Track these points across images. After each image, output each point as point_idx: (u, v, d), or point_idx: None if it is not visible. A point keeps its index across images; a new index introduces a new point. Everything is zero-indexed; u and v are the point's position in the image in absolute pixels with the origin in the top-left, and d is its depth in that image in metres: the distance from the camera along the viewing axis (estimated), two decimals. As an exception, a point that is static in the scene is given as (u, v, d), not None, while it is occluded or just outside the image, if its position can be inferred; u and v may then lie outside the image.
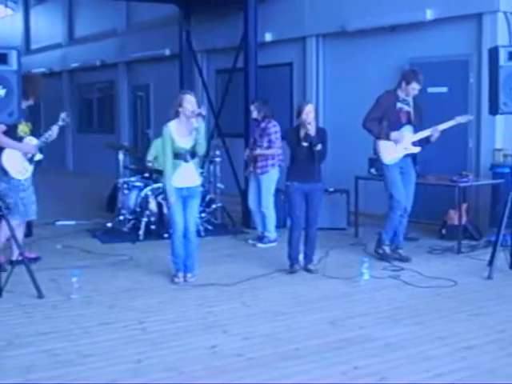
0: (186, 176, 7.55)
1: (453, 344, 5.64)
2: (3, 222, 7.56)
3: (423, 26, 10.98)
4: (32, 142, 7.98)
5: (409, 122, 8.59)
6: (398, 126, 8.51)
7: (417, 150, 8.64)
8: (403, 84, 8.50)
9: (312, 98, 12.62)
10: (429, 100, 9.92)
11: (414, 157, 8.75)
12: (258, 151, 9.61)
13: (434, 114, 10.19)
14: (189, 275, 7.70)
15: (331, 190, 10.79)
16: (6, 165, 7.79)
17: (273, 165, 9.64)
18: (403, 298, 7.06)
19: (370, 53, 12.00)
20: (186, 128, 7.46)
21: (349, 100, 12.04)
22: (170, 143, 7.46)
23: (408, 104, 8.60)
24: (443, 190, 10.04)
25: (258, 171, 9.68)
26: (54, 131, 8.08)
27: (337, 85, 12.70)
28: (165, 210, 9.98)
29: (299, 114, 7.85)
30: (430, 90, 10.53)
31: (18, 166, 7.88)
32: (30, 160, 8.00)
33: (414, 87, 8.45)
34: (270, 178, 9.64)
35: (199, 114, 7.34)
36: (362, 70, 12.09)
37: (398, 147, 8.50)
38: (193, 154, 7.52)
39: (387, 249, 8.73)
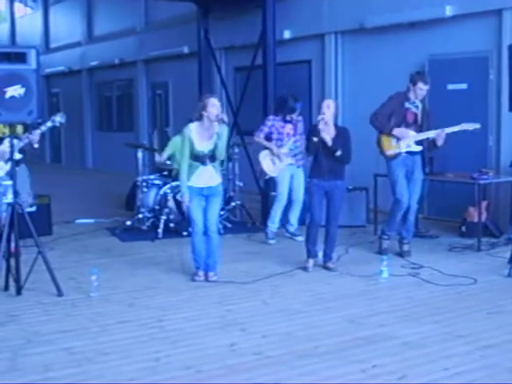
0: (205, 177, 7.55)
1: (472, 342, 5.60)
2: None
3: (442, 22, 10.91)
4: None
5: (415, 122, 8.64)
6: (403, 125, 8.59)
7: (418, 148, 8.67)
8: (411, 86, 8.60)
9: (331, 96, 12.59)
10: (448, 97, 9.88)
11: (422, 156, 8.75)
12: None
13: (453, 111, 10.18)
14: (211, 274, 7.68)
15: (350, 187, 10.75)
16: None
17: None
18: (422, 296, 7.03)
19: (388, 50, 11.95)
20: (207, 132, 7.46)
21: (367, 97, 11.97)
22: (189, 145, 7.46)
23: (417, 107, 8.68)
24: (463, 188, 9.98)
25: (300, 163, 9.79)
26: (33, 134, 7.92)
27: (355, 82, 12.67)
28: (184, 208, 10.02)
29: (319, 109, 7.87)
30: (450, 86, 10.50)
31: None
32: (7, 161, 7.85)
33: (421, 87, 8.53)
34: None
35: (222, 120, 7.35)
36: (381, 67, 12.05)
37: (400, 143, 8.53)
38: (212, 157, 7.52)
39: (385, 243, 8.82)
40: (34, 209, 9.12)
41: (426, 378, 4.88)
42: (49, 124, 7.92)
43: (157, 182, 10.66)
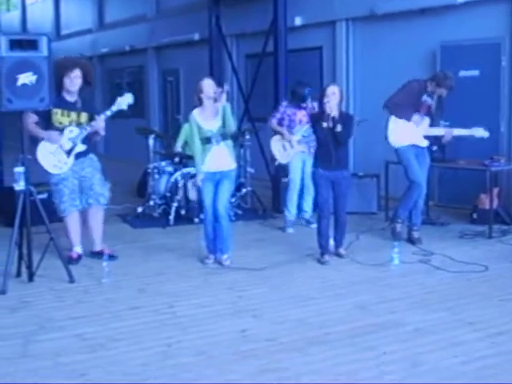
0: (219, 159, 7.57)
1: (483, 329, 5.60)
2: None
3: (454, 8, 10.84)
4: (72, 133, 7.73)
5: (427, 114, 8.66)
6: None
7: (425, 143, 8.69)
8: (433, 83, 8.55)
9: (342, 82, 12.55)
10: (460, 84, 9.82)
11: (429, 145, 8.76)
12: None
13: (465, 98, 10.14)
14: (224, 257, 7.72)
15: (361, 174, 10.76)
16: (40, 159, 7.73)
17: None
18: (433, 283, 7.03)
19: (399, 36, 11.89)
20: (210, 111, 7.54)
21: (379, 84, 11.95)
22: (197, 129, 7.54)
23: (432, 98, 8.66)
24: (474, 175, 9.94)
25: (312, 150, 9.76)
26: (98, 121, 7.75)
27: (367, 69, 12.62)
28: (191, 195, 10.06)
29: (321, 96, 7.79)
30: (462, 73, 10.44)
31: (53, 160, 7.75)
32: (69, 152, 7.77)
33: (442, 92, 8.52)
34: None
35: (222, 92, 7.40)
36: (392, 53, 12.00)
37: (410, 134, 8.54)
38: (223, 135, 7.55)
39: (398, 226, 8.80)
40: (45, 195, 9.14)
41: (437, 365, 4.88)
42: (114, 108, 7.83)
43: (168, 168, 10.67)
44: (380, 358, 5.02)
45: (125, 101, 7.82)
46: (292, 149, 9.70)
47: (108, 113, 7.79)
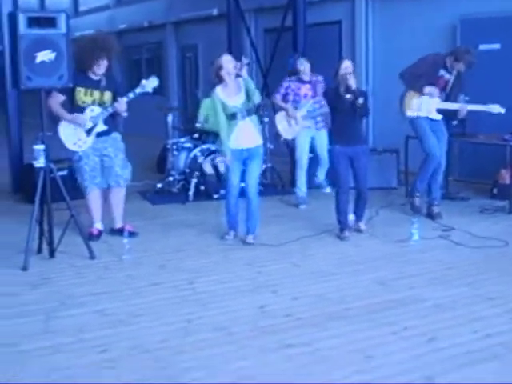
0: (245, 135, 7.51)
1: (503, 305, 5.60)
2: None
3: (475, -19, 10.75)
4: (93, 112, 7.74)
5: (443, 89, 8.59)
6: None
7: (438, 117, 8.63)
8: (452, 58, 8.47)
9: (361, 57, 12.50)
10: (481, 57, 9.72)
11: (444, 118, 8.70)
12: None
13: (486, 72, 10.05)
14: (250, 236, 7.70)
15: (381, 149, 10.72)
16: (62, 136, 7.74)
17: None
18: (453, 258, 7.02)
19: (419, 10, 11.78)
20: (233, 87, 7.48)
21: (398, 58, 11.83)
22: (221, 107, 7.46)
23: (451, 73, 8.57)
24: (494, 149, 9.88)
25: (319, 125, 9.75)
26: (119, 103, 7.77)
27: (386, 43, 12.53)
28: (208, 170, 10.07)
29: (336, 72, 7.73)
30: (482, 46, 10.34)
31: (73, 138, 7.75)
32: (89, 131, 7.77)
33: (461, 67, 8.44)
34: None
35: (242, 66, 7.37)
36: (412, 27, 11.89)
37: (422, 106, 8.47)
38: (248, 110, 7.51)
39: (417, 200, 8.80)
40: (65, 172, 9.19)
41: (456, 340, 4.89)
42: (138, 90, 7.82)
43: (187, 144, 10.68)
44: (399, 334, 5.04)
45: (150, 84, 7.86)
46: (297, 125, 9.65)
47: (131, 95, 7.80)
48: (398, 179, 10.70)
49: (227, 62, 7.47)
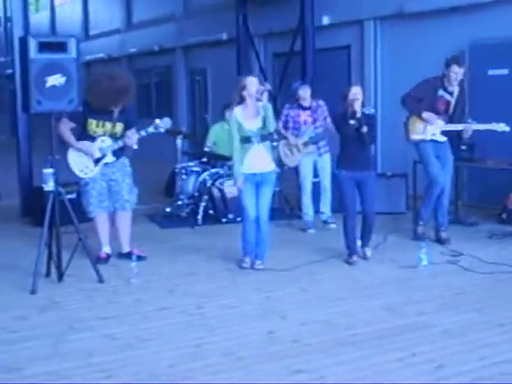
0: (258, 160, 7.49)
1: (512, 331, 5.58)
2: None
3: (483, 6, 10.78)
4: (104, 143, 7.77)
5: (446, 111, 8.57)
6: (433, 113, 8.51)
7: (443, 139, 8.61)
8: (445, 70, 8.48)
9: (370, 81, 12.55)
10: (489, 82, 9.78)
11: (450, 141, 8.69)
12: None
13: (494, 97, 10.08)
14: (258, 262, 7.66)
15: (389, 174, 10.72)
16: (70, 162, 7.80)
17: None
18: (462, 284, 6.99)
19: (428, 35, 11.84)
20: (252, 110, 7.46)
21: (407, 83, 11.85)
22: (237, 127, 7.45)
23: (451, 94, 8.55)
24: (503, 174, 9.87)
25: (322, 150, 9.73)
26: (130, 138, 7.78)
27: (395, 68, 12.58)
28: (215, 194, 10.05)
29: (345, 97, 7.75)
30: (491, 72, 10.39)
31: (81, 165, 7.80)
32: (98, 161, 7.81)
33: (455, 71, 8.39)
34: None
35: (263, 91, 7.39)
36: (421, 52, 11.94)
37: (427, 129, 8.48)
38: (262, 136, 7.49)
39: (420, 229, 8.78)
40: (74, 195, 9.22)
41: (465, 367, 4.87)
42: (151, 129, 7.87)
43: (196, 168, 10.71)
44: (407, 360, 5.01)
45: (163, 125, 7.89)
46: (299, 152, 9.66)
47: (143, 133, 7.86)
48: (406, 204, 10.69)
49: (251, 84, 7.43)
